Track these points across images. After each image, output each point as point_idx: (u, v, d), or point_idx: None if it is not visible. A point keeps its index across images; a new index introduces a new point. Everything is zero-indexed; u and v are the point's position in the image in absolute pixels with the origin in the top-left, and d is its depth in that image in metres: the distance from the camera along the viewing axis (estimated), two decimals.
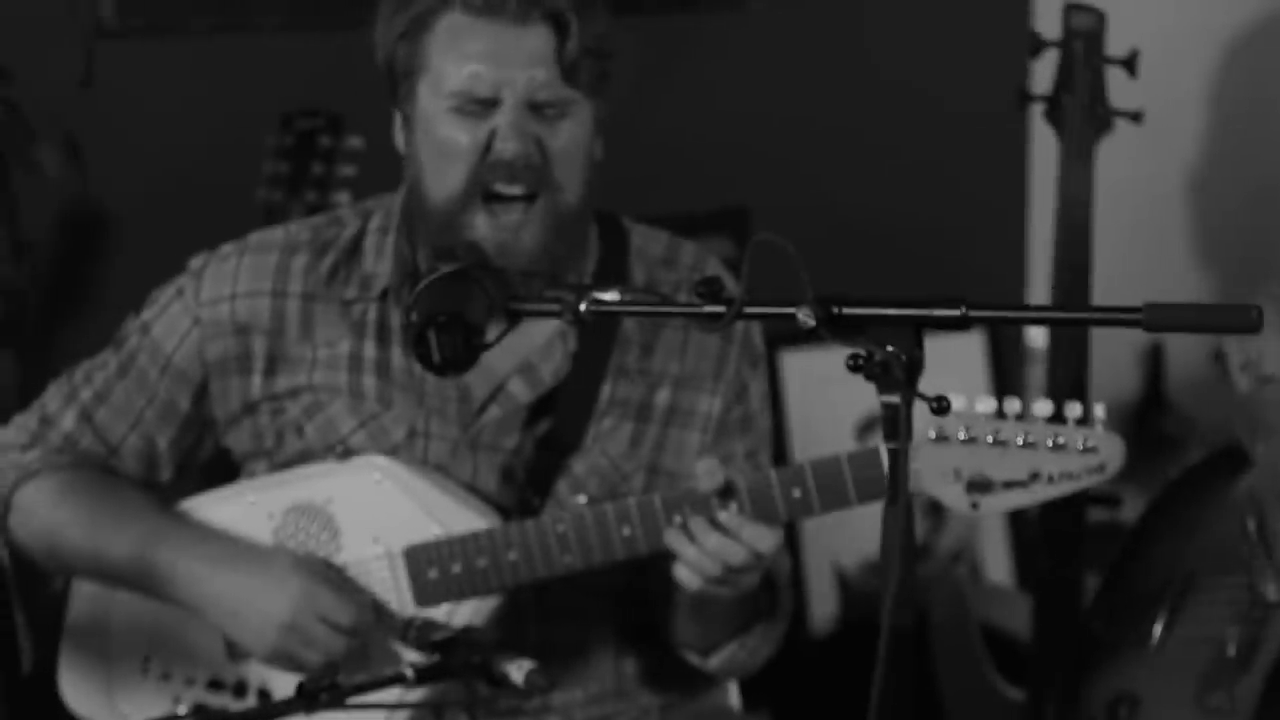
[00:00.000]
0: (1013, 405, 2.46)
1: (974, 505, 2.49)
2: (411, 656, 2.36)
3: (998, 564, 4.38)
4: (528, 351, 2.62)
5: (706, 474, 2.50)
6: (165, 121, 3.80)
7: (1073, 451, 2.45)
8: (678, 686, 2.77)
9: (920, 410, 2.10)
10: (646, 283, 2.67)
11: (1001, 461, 2.47)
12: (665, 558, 2.55)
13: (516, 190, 2.52)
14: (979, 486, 2.48)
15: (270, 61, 3.87)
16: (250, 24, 3.89)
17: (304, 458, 2.65)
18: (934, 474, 2.48)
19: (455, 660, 2.29)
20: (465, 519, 2.58)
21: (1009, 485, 2.48)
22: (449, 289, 2.41)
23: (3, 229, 3.48)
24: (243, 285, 2.64)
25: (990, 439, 2.46)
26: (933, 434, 2.46)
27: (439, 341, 2.37)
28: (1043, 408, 2.44)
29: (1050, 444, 2.45)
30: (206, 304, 2.65)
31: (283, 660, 2.55)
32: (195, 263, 2.69)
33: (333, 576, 2.57)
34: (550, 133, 2.52)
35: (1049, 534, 3.31)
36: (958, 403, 2.45)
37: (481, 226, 2.53)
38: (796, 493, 2.51)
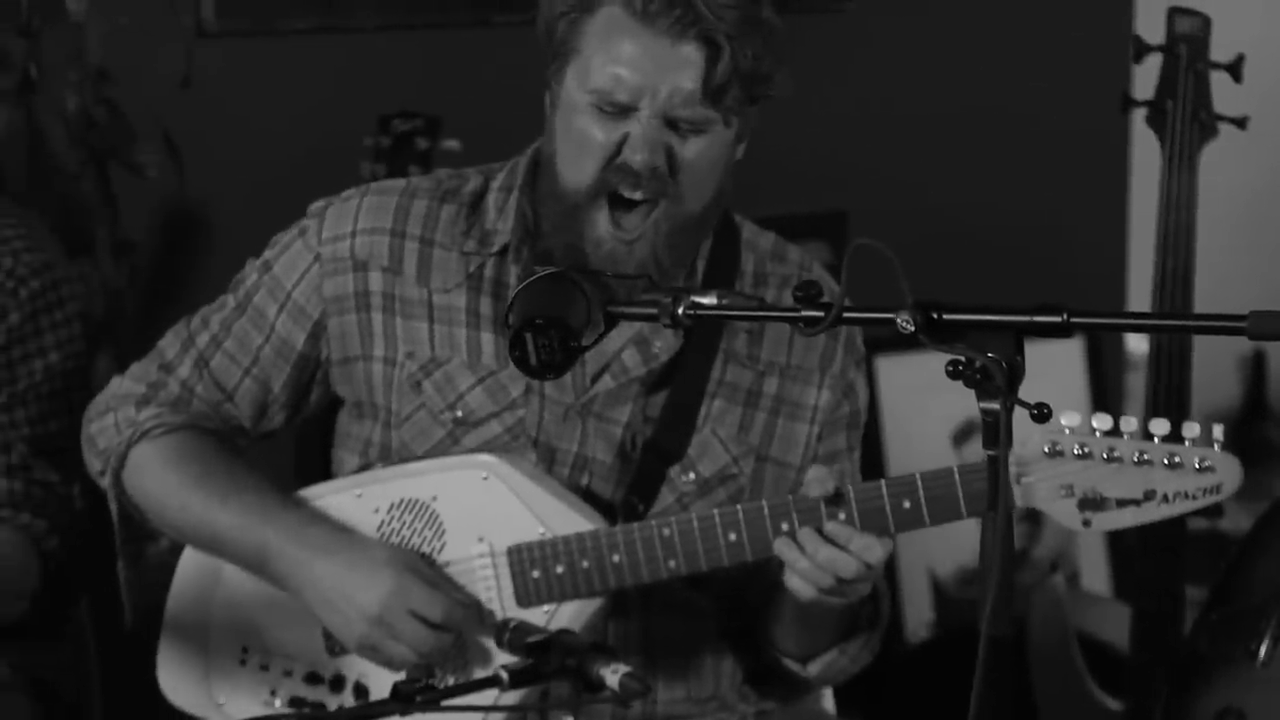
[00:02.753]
0: (1129, 423, 2.44)
1: (1086, 522, 2.47)
2: (507, 659, 2.36)
3: (1096, 573, 4.35)
4: (640, 324, 2.61)
5: (816, 481, 2.49)
6: (263, 122, 3.82)
7: (1189, 471, 2.42)
8: (773, 693, 2.76)
9: (1029, 423, 2.09)
10: (756, 273, 2.67)
11: (1116, 479, 2.45)
12: (769, 565, 2.53)
13: (638, 196, 2.51)
14: (1092, 503, 2.46)
15: (368, 63, 3.89)
16: (349, 25, 3.90)
17: (419, 421, 2.64)
18: (1047, 489, 2.46)
19: (550, 663, 2.29)
20: (571, 520, 2.58)
21: (1122, 503, 2.45)
22: (547, 291, 2.41)
23: (103, 229, 3.51)
24: (363, 223, 2.65)
25: (1105, 456, 2.44)
26: (1047, 449, 2.45)
27: (536, 344, 2.37)
28: (1159, 426, 2.42)
29: (1166, 462, 2.42)
30: (327, 241, 2.66)
31: (369, 652, 2.56)
32: (316, 205, 2.70)
33: (427, 573, 2.57)
34: (682, 145, 2.52)
35: (1148, 543, 3.28)
36: (1072, 419, 2.44)
37: (601, 225, 2.54)
38: (906, 504, 2.49)
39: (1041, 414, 2.10)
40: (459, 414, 2.63)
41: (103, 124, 3.50)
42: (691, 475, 2.63)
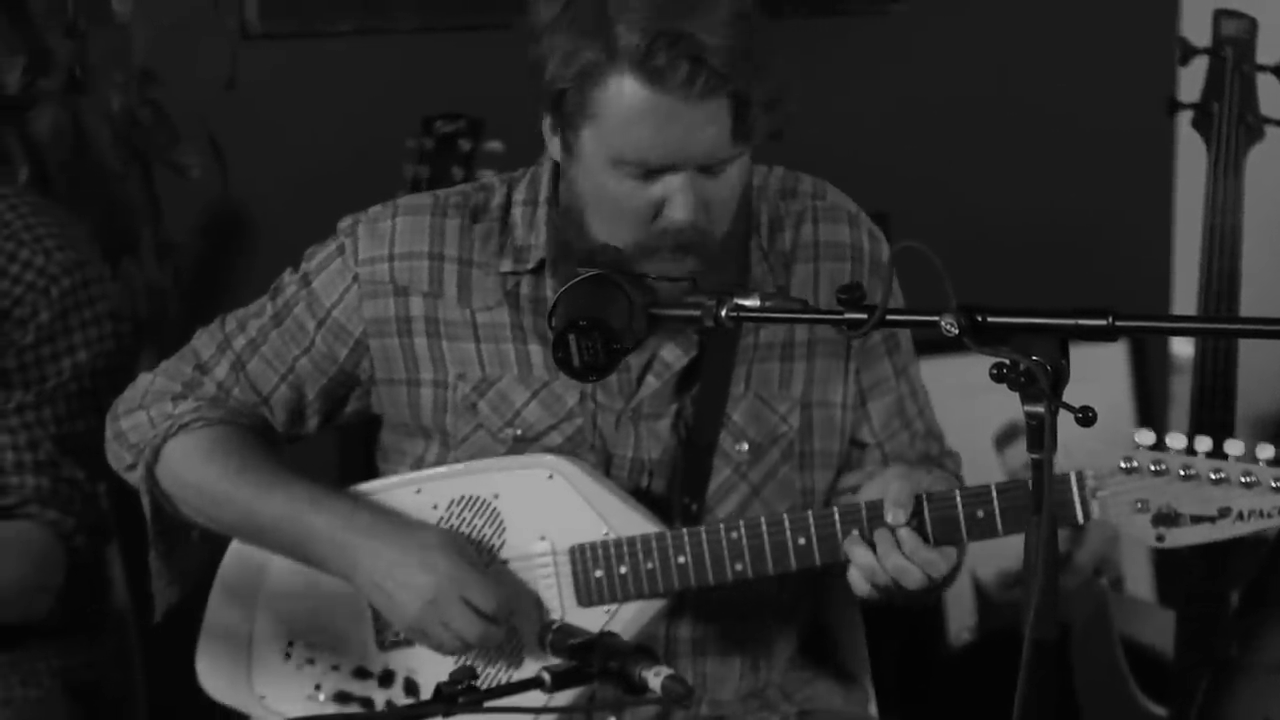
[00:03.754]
0: (1203, 443, 2.45)
1: (1160, 538, 2.48)
2: (550, 660, 2.36)
3: (1140, 578, 4.32)
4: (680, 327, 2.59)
5: (895, 506, 2.48)
6: (306, 124, 3.83)
7: (1265, 489, 2.44)
8: (817, 699, 2.76)
9: (1081, 430, 2.07)
10: (770, 220, 2.65)
11: (1191, 495, 2.45)
12: (837, 569, 2.54)
13: (684, 270, 2.48)
14: (1167, 519, 2.47)
15: (411, 64, 3.89)
16: (392, 27, 3.91)
17: (478, 440, 2.64)
18: (1122, 504, 2.47)
19: (592, 665, 2.29)
20: (634, 521, 2.58)
21: (1197, 519, 2.46)
22: (589, 293, 2.41)
23: (146, 229, 3.52)
24: (399, 246, 2.64)
25: (1181, 472, 2.45)
26: (1123, 464, 2.45)
27: (579, 346, 2.37)
28: (1234, 446, 2.43)
29: (1242, 480, 2.43)
30: (365, 262, 2.65)
31: (420, 635, 2.56)
32: (345, 223, 2.69)
33: (479, 562, 2.56)
34: (715, 184, 2.49)
35: (1194, 548, 3.26)
36: (1146, 436, 2.46)
37: (645, 269, 2.50)
38: (980, 513, 2.49)
39: (1086, 418, 2.09)
40: (518, 431, 2.63)
41: (147, 125, 3.51)
42: (744, 445, 2.63)
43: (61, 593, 2.87)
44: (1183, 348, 4.36)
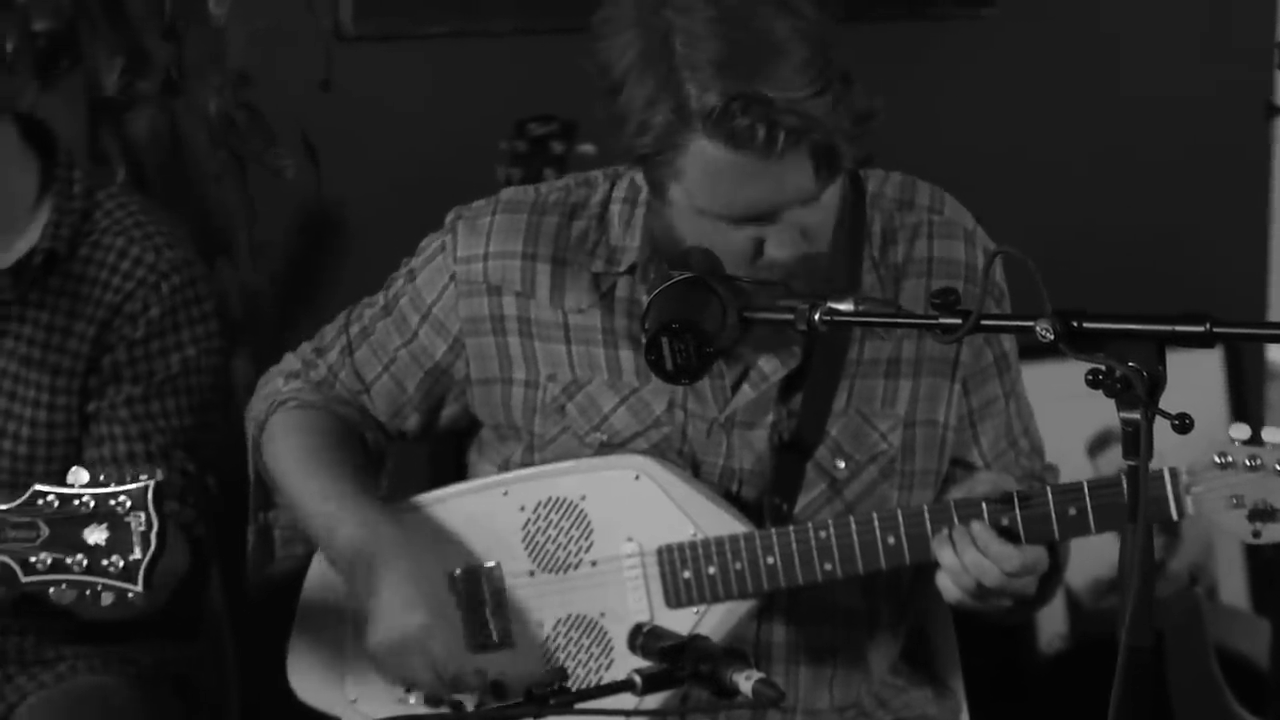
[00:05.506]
0: None
1: (1256, 534, 2.45)
2: (640, 664, 2.36)
3: (1234, 586, 4.29)
4: (775, 331, 2.57)
5: (986, 482, 2.48)
6: (400, 125, 3.85)
7: None
8: (912, 706, 2.75)
9: (1172, 434, 2.06)
10: (884, 230, 2.62)
11: None
12: (929, 568, 2.53)
13: (787, 278, 2.46)
14: (1263, 514, 2.45)
15: (504, 66, 3.90)
16: (485, 29, 3.92)
17: (564, 443, 2.64)
18: (1217, 499, 2.45)
19: (683, 668, 2.28)
20: (722, 522, 2.58)
21: None
22: (682, 296, 2.41)
23: (242, 230, 3.55)
24: (495, 245, 2.65)
25: (1277, 467, 2.42)
26: (1218, 459, 2.43)
27: (672, 349, 2.37)
28: None
29: None
30: (461, 260, 2.66)
31: (377, 665, 2.59)
32: (450, 216, 2.70)
33: (475, 617, 2.58)
34: (810, 212, 2.46)
35: None
36: (1241, 431, 2.43)
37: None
38: (1072, 511, 2.47)
39: (1183, 425, 2.07)
40: (604, 437, 2.63)
41: (243, 126, 3.53)
42: (842, 462, 2.61)
43: (183, 581, 2.90)
44: (1279, 355, 4.33)
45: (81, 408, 2.88)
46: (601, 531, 2.61)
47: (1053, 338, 2.14)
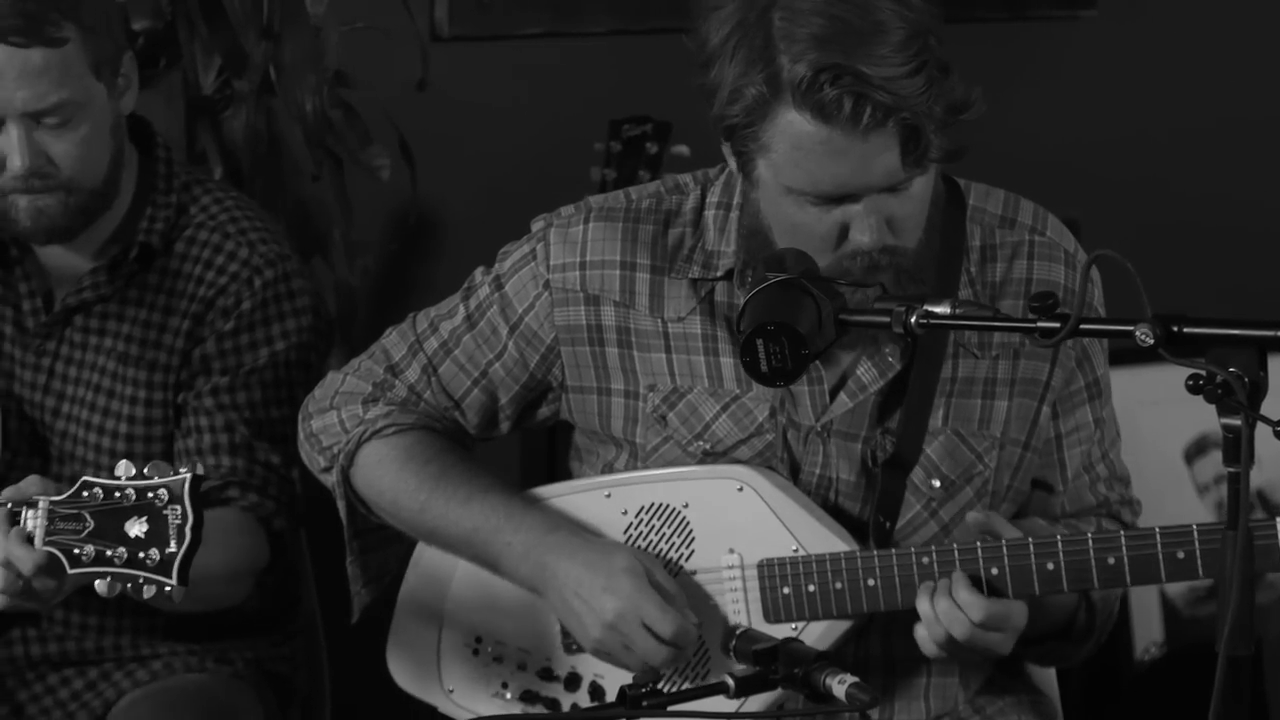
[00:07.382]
0: None
1: None
2: (734, 667, 2.35)
3: None
4: (870, 336, 2.56)
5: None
6: (495, 126, 3.85)
7: None
8: (1007, 714, 2.72)
9: (1272, 441, 2.04)
10: (983, 246, 2.60)
11: None
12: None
13: (873, 269, 2.46)
14: None
15: (599, 67, 3.91)
16: (580, 30, 3.93)
17: (668, 453, 2.63)
18: None
19: (776, 671, 2.28)
20: (824, 539, 2.56)
21: None
22: (778, 298, 2.40)
23: (337, 229, 3.56)
24: (592, 254, 2.63)
25: None
26: None
27: (767, 351, 2.36)
28: None
29: None
30: (556, 269, 2.64)
31: (605, 656, 2.56)
32: (537, 225, 2.68)
33: (665, 582, 2.56)
34: (899, 202, 2.45)
35: None
36: None
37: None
38: (1180, 554, 2.45)
39: None
40: (707, 445, 2.61)
41: (339, 126, 3.55)
42: (937, 482, 2.59)
43: (261, 578, 2.91)
44: None
45: (175, 401, 2.90)
46: (703, 540, 2.60)
47: (1152, 342, 2.13)
